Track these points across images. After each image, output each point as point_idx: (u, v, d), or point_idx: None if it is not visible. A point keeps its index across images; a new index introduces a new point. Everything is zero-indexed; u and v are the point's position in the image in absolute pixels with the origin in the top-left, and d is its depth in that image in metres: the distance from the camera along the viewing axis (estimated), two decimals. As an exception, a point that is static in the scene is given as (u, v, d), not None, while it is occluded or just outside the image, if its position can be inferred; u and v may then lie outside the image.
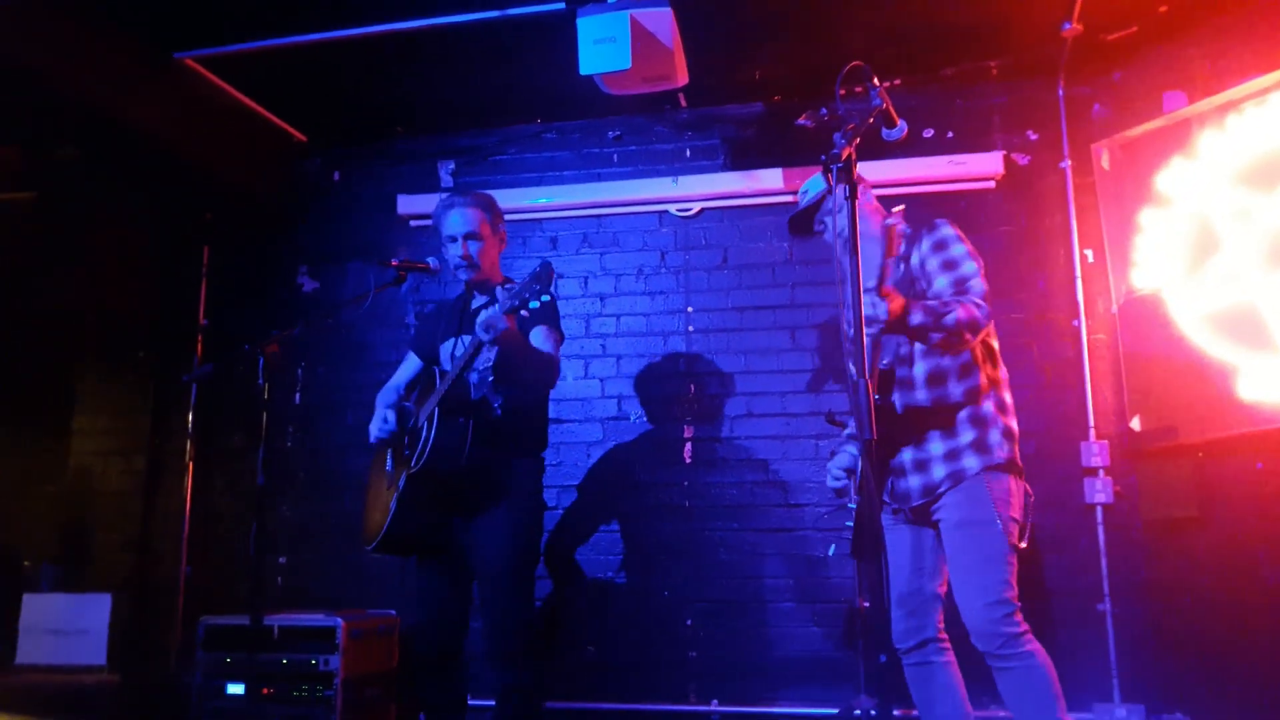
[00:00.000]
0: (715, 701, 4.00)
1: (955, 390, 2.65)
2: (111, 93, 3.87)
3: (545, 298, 2.65)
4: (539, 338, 3.09)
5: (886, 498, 2.73)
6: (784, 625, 4.02)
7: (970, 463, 2.60)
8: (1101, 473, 3.87)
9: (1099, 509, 3.87)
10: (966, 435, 2.63)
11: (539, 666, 3.03)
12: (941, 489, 2.62)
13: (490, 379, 3.07)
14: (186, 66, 4.06)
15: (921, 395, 2.67)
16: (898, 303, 2.38)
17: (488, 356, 3.03)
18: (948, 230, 2.68)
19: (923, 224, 2.82)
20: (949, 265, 2.64)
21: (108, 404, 4.85)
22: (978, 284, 2.61)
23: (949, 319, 2.45)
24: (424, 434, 2.91)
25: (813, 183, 2.89)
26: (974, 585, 2.53)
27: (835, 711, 3.76)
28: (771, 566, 4.08)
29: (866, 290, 2.32)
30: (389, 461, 3.14)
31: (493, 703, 2.97)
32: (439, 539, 3.07)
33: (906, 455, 2.68)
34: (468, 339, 3.01)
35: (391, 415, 3.11)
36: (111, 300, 4.91)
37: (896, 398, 2.66)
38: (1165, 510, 3.75)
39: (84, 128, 4.14)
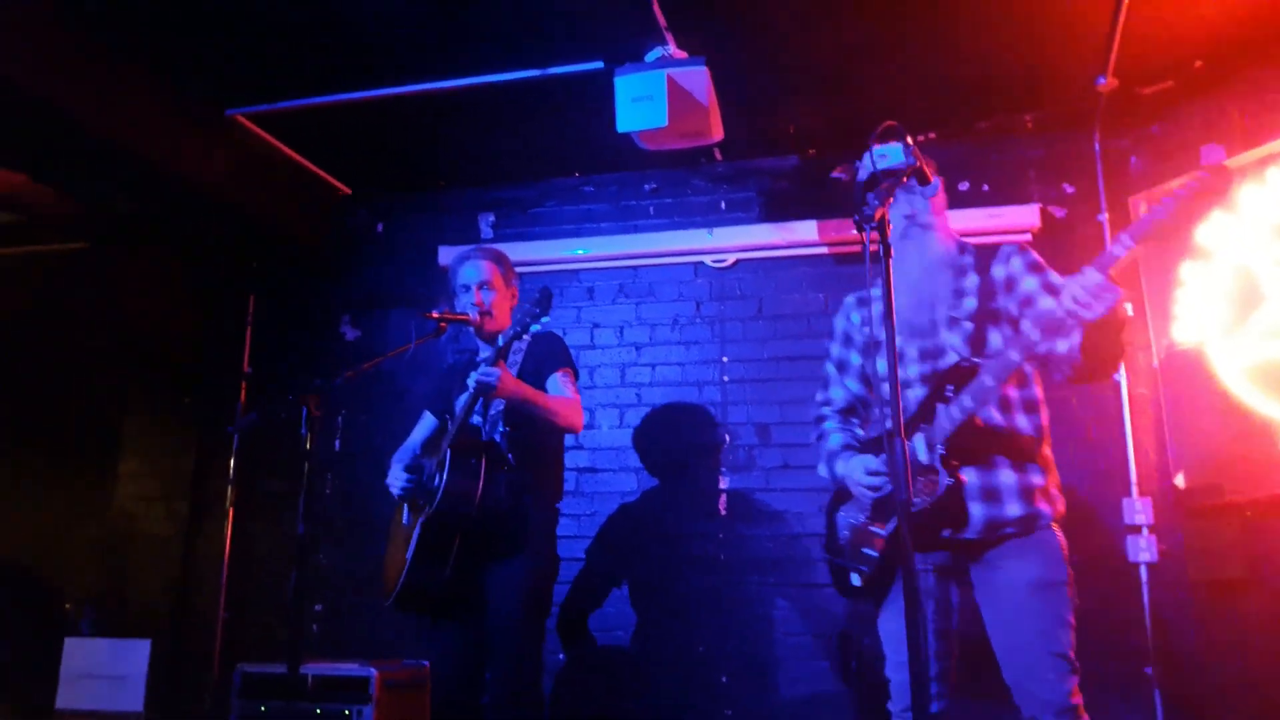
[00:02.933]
0: (750, 759, 3.94)
1: (1023, 422, 2.47)
2: (166, 147, 4.00)
3: (545, 319, 2.70)
4: (556, 385, 3.13)
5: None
6: (821, 684, 3.95)
7: (1045, 509, 2.41)
8: (1145, 531, 3.79)
9: (1143, 568, 3.78)
10: (1037, 476, 2.43)
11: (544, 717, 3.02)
12: (1009, 530, 2.39)
13: (501, 427, 3.10)
14: (238, 123, 4.20)
15: (996, 414, 2.45)
16: (1121, 302, 2.19)
17: (497, 402, 3.07)
18: (1036, 254, 2.56)
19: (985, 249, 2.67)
20: (1053, 290, 2.44)
21: (153, 449, 4.94)
22: None
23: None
24: (437, 478, 2.92)
25: (893, 151, 2.61)
26: (1048, 654, 2.32)
27: (872, 772, 3.69)
28: (808, 622, 4.02)
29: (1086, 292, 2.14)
30: (405, 514, 3.16)
31: None
32: (455, 594, 3.04)
33: (970, 476, 2.41)
34: (500, 337, 3.05)
35: (409, 465, 3.17)
36: (158, 347, 5.03)
37: (956, 401, 2.40)
38: (1213, 571, 3.66)
39: (138, 180, 4.27)
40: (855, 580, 2.56)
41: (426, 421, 3.43)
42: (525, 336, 2.83)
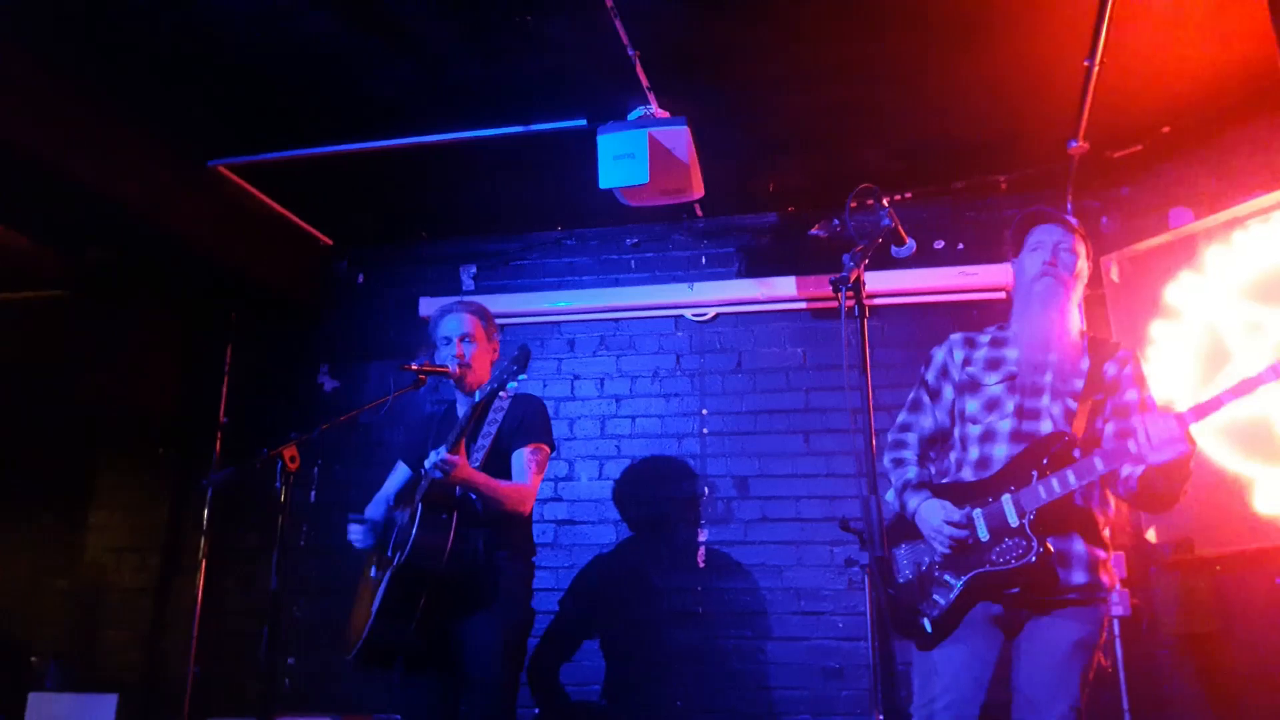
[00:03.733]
0: (728, 817, 3.89)
1: (1098, 500, 2.59)
2: (147, 198, 4.00)
3: (523, 377, 2.72)
4: (520, 462, 3.09)
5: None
6: (799, 737, 3.94)
7: (1106, 581, 2.53)
8: (1118, 585, 3.81)
9: (1116, 622, 3.81)
10: (1101, 552, 2.55)
11: None
12: (1072, 595, 2.49)
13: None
14: (220, 174, 4.22)
15: (1082, 493, 2.56)
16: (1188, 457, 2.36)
17: (473, 456, 3.06)
18: (1144, 367, 2.69)
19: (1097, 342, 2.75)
20: (1146, 406, 2.60)
21: (125, 500, 4.87)
22: None
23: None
24: (408, 531, 2.88)
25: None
26: (1066, 706, 2.44)
27: (851, 831, 3.66)
28: (787, 677, 4.01)
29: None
30: (373, 570, 3.10)
31: None
32: (422, 650, 2.97)
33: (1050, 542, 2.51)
34: (474, 395, 3.01)
35: (368, 525, 3.13)
36: (134, 397, 4.98)
37: (1060, 475, 2.49)
38: (1185, 625, 3.69)
39: (117, 230, 4.26)
40: (927, 627, 2.57)
41: (400, 472, 3.40)
42: (502, 394, 2.83)
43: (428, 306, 4.72)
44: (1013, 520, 2.47)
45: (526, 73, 3.54)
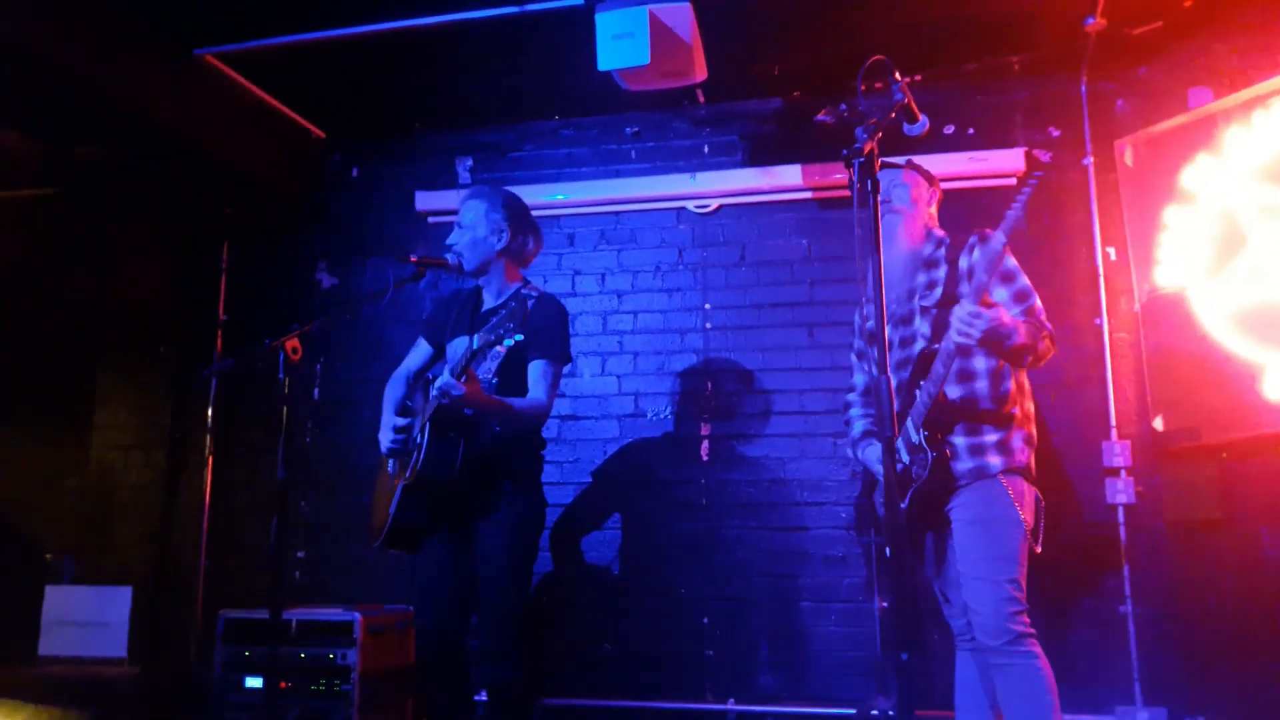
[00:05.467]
0: (732, 700, 3.98)
1: (981, 389, 2.77)
2: (132, 89, 3.88)
3: (519, 337, 2.60)
4: (535, 376, 3.04)
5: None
6: (802, 624, 4.00)
7: (994, 461, 2.73)
8: (1123, 473, 3.83)
9: (1121, 509, 3.83)
10: (990, 435, 2.75)
11: (532, 664, 3.04)
12: (962, 482, 2.74)
13: (493, 380, 3.03)
14: (207, 63, 4.08)
15: (956, 389, 2.79)
16: (1005, 319, 2.59)
17: (489, 366, 3.02)
18: (1001, 241, 2.70)
19: (960, 229, 2.95)
20: (1008, 278, 2.80)
21: (129, 399, 4.88)
22: (1038, 303, 2.81)
23: (1041, 346, 2.72)
24: (418, 446, 2.94)
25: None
26: (987, 581, 2.63)
27: (853, 712, 3.75)
28: (789, 565, 4.06)
29: (963, 309, 2.53)
30: (391, 463, 3.17)
31: (485, 697, 3.00)
32: (443, 530, 3.10)
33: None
34: (473, 340, 2.98)
35: (398, 424, 3.10)
36: (132, 296, 4.94)
37: (924, 387, 2.75)
38: (1189, 511, 3.70)
39: (105, 124, 4.15)
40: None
41: (421, 349, 3.37)
42: (499, 348, 2.70)
43: (424, 200, 4.64)
44: (915, 437, 2.74)
45: (521, -53, 3.39)
